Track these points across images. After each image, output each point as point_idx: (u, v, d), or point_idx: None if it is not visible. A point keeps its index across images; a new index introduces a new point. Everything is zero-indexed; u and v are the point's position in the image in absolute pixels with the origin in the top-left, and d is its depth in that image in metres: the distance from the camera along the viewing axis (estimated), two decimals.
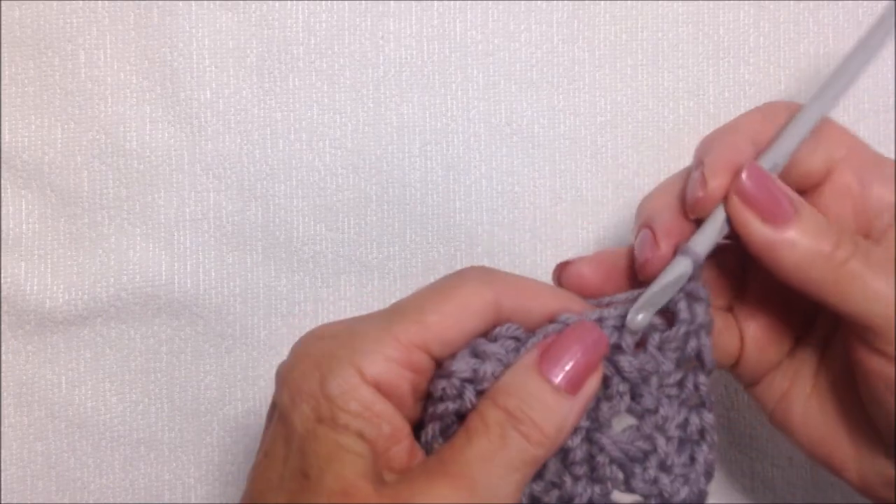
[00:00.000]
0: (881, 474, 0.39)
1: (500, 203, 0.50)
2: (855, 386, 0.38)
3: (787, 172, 0.38)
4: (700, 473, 0.36)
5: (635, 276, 0.38)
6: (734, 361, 0.41)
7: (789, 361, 0.41)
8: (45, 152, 0.49)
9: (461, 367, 0.34)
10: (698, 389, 0.37)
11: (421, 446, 0.34)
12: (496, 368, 0.34)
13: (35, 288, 0.49)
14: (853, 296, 0.35)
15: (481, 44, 0.50)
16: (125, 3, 0.49)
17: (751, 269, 0.40)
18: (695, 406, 0.37)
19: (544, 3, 0.50)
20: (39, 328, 0.50)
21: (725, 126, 0.39)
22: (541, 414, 0.33)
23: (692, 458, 0.36)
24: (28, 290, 0.49)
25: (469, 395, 0.33)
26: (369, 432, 0.32)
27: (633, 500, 0.36)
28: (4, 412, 0.50)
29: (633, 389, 0.36)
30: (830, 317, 0.37)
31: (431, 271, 0.50)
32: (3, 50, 0.49)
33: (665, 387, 0.36)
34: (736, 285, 0.41)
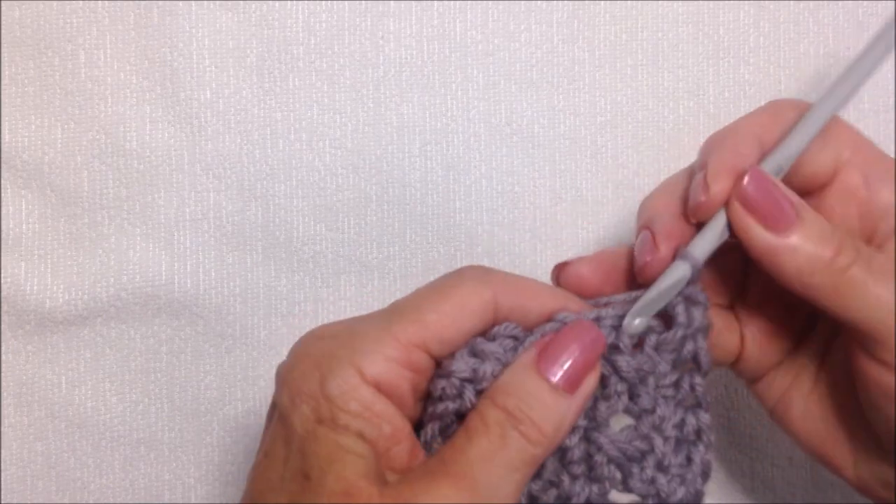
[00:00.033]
0: (879, 476, 0.39)
1: (500, 203, 0.50)
2: (854, 389, 0.38)
3: (793, 172, 0.37)
4: (697, 474, 0.36)
5: (635, 277, 0.38)
6: (734, 360, 0.41)
7: (790, 361, 0.41)
8: (45, 152, 0.49)
9: (460, 367, 0.34)
10: (694, 390, 0.37)
11: (420, 446, 0.34)
12: (495, 368, 0.34)
13: (35, 288, 0.49)
14: (854, 303, 0.35)
15: (481, 44, 0.50)
16: (125, 3, 0.49)
17: (753, 268, 0.40)
18: (691, 406, 0.37)
19: (544, 3, 0.50)
20: (39, 328, 0.50)
21: (730, 126, 0.39)
22: (539, 413, 0.33)
23: (689, 459, 0.36)
24: (28, 290, 0.49)
25: (469, 394, 0.33)
26: (370, 432, 0.32)
27: (631, 499, 0.36)
28: (4, 412, 0.50)
29: (631, 389, 0.36)
30: (832, 319, 0.37)
31: (431, 271, 0.50)
32: (3, 50, 0.49)
33: (661, 387, 0.36)
34: (738, 284, 0.41)
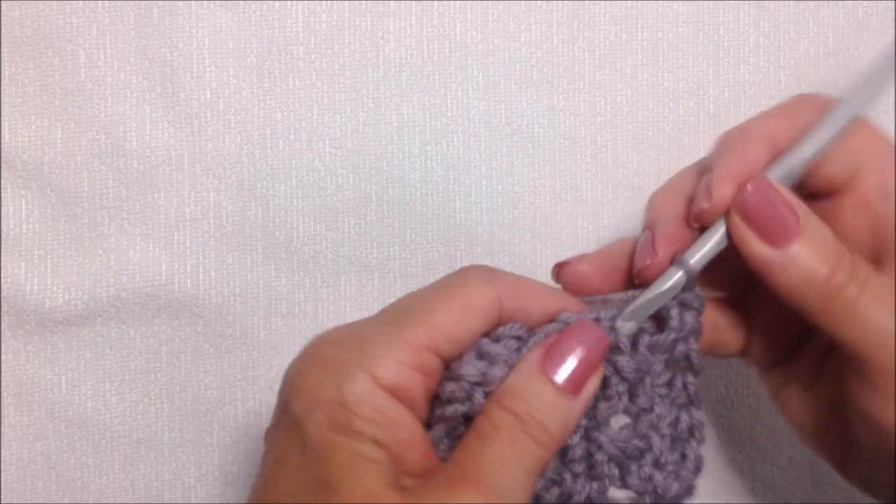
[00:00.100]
0: (869, 477, 0.39)
1: (500, 203, 0.50)
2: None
3: (808, 172, 0.37)
4: (690, 469, 0.37)
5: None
6: (739, 354, 0.41)
7: (795, 358, 0.41)
8: (45, 152, 0.49)
9: (470, 372, 0.34)
10: (687, 388, 0.37)
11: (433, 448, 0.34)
12: (504, 371, 0.34)
13: (35, 288, 0.49)
14: (844, 326, 0.35)
15: (481, 44, 0.50)
16: (125, 3, 0.49)
17: None
18: (684, 404, 0.37)
19: (544, 3, 0.50)
20: (39, 328, 0.49)
21: (743, 126, 0.38)
22: (546, 416, 0.33)
23: (683, 455, 0.37)
24: (28, 290, 0.49)
25: (478, 397, 0.34)
26: (385, 438, 0.32)
27: (627, 495, 0.36)
28: (4, 412, 0.50)
29: (631, 390, 0.36)
30: (824, 337, 0.37)
31: (431, 271, 0.50)
32: (3, 50, 0.49)
33: (656, 386, 0.37)
34: (747, 279, 0.41)
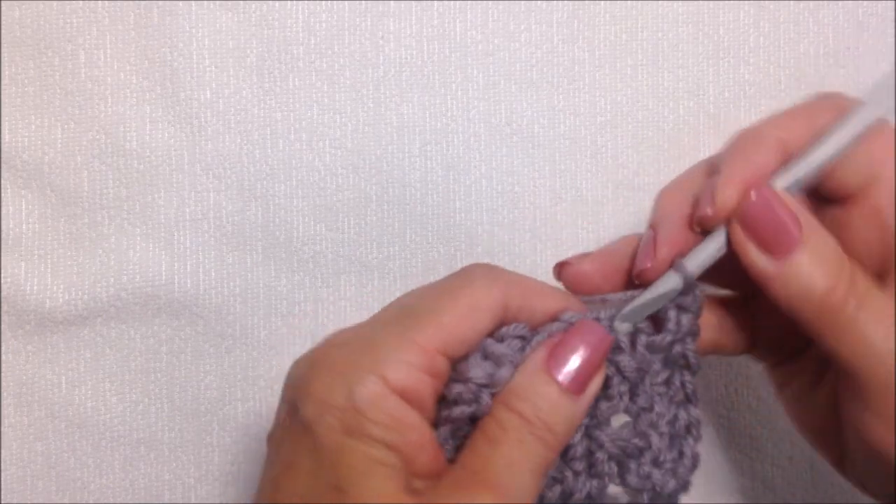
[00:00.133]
0: (872, 484, 0.39)
1: (500, 203, 0.50)
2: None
3: (822, 175, 0.36)
4: (688, 466, 0.37)
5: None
6: (744, 352, 0.41)
7: (800, 357, 0.41)
8: (45, 152, 0.49)
9: (477, 374, 0.34)
10: (685, 387, 0.37)
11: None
12: (510, 372, 0.34)
13: (35, 288, 0.49)
14: (842, 342, 0.34)
15: (481, 44, 0.50)
16: (125, 3, 0.49)
17: None
18: (682, 402, 0.37)
19: (544, 3, 0.50)
20: (39, 328, 0.49)
21: (755, 127, 0.37)
22: (552, 416, 0.33)
23: (681, 453, 0.37)
24: (28, 290, 0.49)
25: (485, 398, 0.34)
26: (397, 441, 0.32)
27: (625, 492, 0.37)
28: (4, 412, 0.50)
29: (632, 389, 0.36)
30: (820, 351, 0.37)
31: (431, 271, 0.50)
32: (3, 50, 0.49)
33: (654, 385, 0.37)
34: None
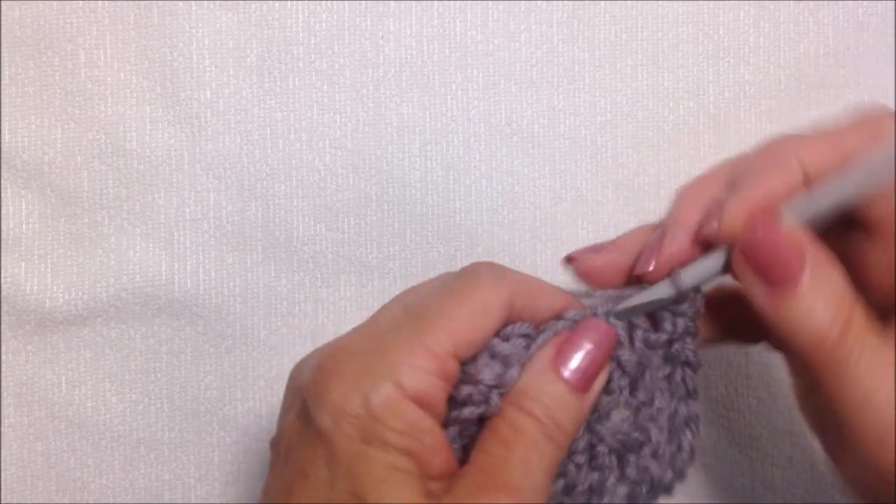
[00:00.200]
0: (856, 478, 0.38)
1: (500, 203, 0.50)
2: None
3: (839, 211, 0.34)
4: (685, 459, 0.37)
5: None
6: (757, 342, 0.41)
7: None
8: (45, 152, 0.49)
9: (487, 375, 0.34)
10: (686, 382, 0.38)
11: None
12: (517, 371, 0.34)
13: (35, 288, 0.49)
14: (836, 386, 0.34)
15: (481, 44, 0.50)
16: (125, 3, 0.49)
17: None
18: (682, 396, 0.38)
19: (544, 3, 0.50)
20: (39, 328, 0.49)
21: (784, 143, 0.36)
22: (561, 415, 0.33)
23: (679, 447, 0.37)
24: (28, 290, 0.49)
25: (495, 399, 0.34)
26: (414, 447, 0.32)
27: (621, 482, 0.37)
28: (4, 412, 0.50)
29: (632, 384, 0.37)
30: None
31: (431, 271, 0.50)
32: (3, 50, 0.49)
33: (655, 380, 0.37)
34: None
